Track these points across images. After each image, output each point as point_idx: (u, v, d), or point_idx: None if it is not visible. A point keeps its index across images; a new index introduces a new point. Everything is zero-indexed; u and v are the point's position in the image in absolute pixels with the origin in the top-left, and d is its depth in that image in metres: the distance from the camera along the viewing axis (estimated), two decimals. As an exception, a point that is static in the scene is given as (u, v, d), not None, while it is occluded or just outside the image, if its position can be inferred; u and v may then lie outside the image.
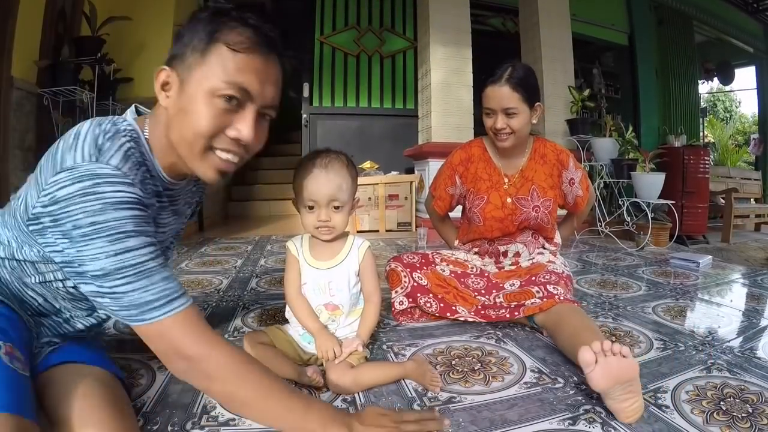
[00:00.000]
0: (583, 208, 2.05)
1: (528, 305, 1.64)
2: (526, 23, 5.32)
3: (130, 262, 0.86)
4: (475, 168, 1.99)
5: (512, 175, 1.95)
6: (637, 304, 2.14)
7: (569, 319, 1.50)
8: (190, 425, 1.08)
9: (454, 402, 1.21)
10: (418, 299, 1.81)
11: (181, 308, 0.90)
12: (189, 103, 0.93)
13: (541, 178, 1.93)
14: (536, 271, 1.82)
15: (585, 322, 1.47)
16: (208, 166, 0.99)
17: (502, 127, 1.78)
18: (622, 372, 1.07)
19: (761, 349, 1.58)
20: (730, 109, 16.54)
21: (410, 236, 4.50)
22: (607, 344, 1.10)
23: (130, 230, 0.87)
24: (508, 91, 1.74)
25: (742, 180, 6.37)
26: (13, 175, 2.88)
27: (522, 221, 1.91)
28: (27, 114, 3.02)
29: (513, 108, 1.75)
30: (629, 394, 1.08)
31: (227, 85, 0.91)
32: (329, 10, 6.14)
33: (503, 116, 1.77)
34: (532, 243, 2.00)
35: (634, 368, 1.09)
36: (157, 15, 4.12)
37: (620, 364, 1.07)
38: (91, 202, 0.83)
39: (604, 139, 4.62)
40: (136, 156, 0.95)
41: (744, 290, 2.51)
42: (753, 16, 8.01)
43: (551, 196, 1.92)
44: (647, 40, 7.09)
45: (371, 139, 6.13)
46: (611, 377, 1.07)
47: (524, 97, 1.76)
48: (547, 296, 1.63)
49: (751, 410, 1.15)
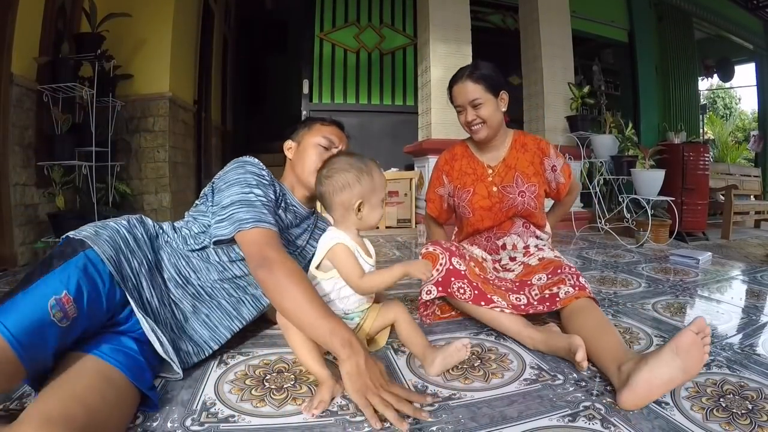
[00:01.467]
0: (567, 197, 2.12)
1: (562, 296, 1.61)
2: (526, 20, 5.31)
3: (247, 198, 1.36)
4: (460, 165, 2.08)
5: (495, 166, 2.01)
6: (636, 300, 2.14)
7: (592, 312, 1.52)
8: (190, 422, 1.08)
9: (453, 399, 1.21)
10: (451, 284, 1.69)
11: (266, 226, 1.31)
12: (304, 152, 1.62)
13: (524, 165, 1.99)
14: (556, 263, 1.81)
15: (606, 318, 1.51)
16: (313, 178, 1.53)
17: (473, 119, 1.90)
18: (695, 357, 1.11)
19: (761, 346, 1.58)
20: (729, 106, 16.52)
21: (410, 233, 4.51)
22: (708, 337, 1.13)
23: (254, 184, 1.40)
24: (471, 84, 1.87)
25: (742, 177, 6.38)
26: (13, 172, 2.88)
27: (510, 208, 1.96)
28: (27, 111, 3.02)
29: (478, 99, 1.87)
30: (666, 382, 1.12)
31: (323, 139, 1.62)
32: (329, 7, 6.13)
33: (471, 109, 1.89)
34: (524, 233, 2.02)
35: (699, 365, 1.13)
36: (157, 12, 4.11)
37: (700, 353, 1.12)
38: (237, 169, 1.44)
39: (604, 135, 4.62)
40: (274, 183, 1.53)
41: (743, 287, 2.52)
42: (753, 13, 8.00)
43: (535, 182, 1.97)
44: (647, 37, 7.08)
45: (371, 135, 6.12)
46: (688, 351, 1.11)
47: (486, 86, 1.86)
48: (579, 287, 1.63)
49: (750, 407, 1.15)
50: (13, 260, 2.81)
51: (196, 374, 1.34)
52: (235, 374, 1.35)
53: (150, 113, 4.10)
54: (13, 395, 1.19)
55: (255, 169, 1.45)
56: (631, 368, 1.16)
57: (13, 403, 1.15)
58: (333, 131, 1.66)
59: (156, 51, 4.11)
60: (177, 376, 1.28)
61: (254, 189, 1.39)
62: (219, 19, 6.36)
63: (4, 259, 2.77)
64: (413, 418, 1.08)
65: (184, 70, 4.62)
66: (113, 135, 3.69)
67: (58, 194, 3.14)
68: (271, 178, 1.51)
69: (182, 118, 4.57)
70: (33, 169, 3.08)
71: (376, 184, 1.44)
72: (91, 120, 3.29)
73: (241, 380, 1.31)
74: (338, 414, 1.12)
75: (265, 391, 1.24)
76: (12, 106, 2.85)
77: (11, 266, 2.79)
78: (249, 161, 1.48)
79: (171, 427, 1.06)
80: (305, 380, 1.30)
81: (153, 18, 4.08)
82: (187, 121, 4.74)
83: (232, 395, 1.22)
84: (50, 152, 3.12)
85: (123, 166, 3.94)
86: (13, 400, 1.16)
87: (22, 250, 2.92)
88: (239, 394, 1.23)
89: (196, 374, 1.34)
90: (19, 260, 2.87)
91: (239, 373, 1.36)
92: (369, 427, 1.06)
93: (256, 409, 1.15)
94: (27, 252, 2.97)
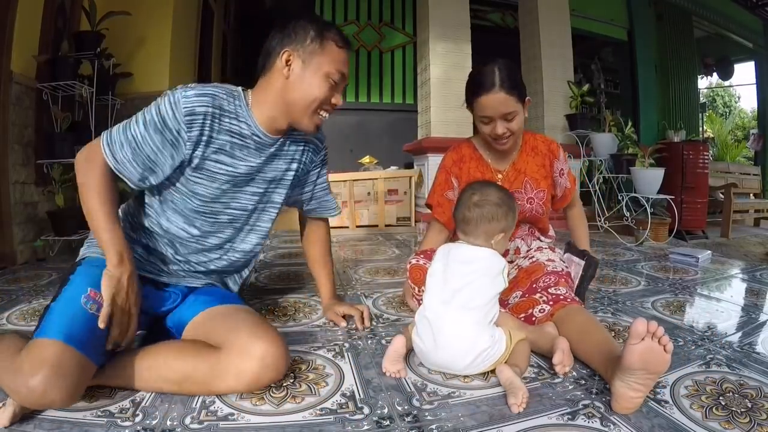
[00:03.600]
0: (574, 210, 2.10)
1: (538, 315, 1.59)
2: (526, 18, 5.32)
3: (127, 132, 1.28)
4: (468, 167, 1.97)
5: (505, 171, 1.94)
6: (636, 299, 2.14)
7: (575, 316, 1.50)
8: (189, 420, 1.08)
9: (453, 397, 1.21)
10: None
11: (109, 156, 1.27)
12: (311, 77, 1.35)
13: (534, 170, 1.92)
14: (536, 274, 1.76)
15: (591, 319, 1.49)
16: (312, 122, 1.41)
17: (503, 133, 1.74)
18: (656, 361, 1.07)
19: (760, 344, 1.59)
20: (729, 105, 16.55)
21: (409, 231, 4.50)
22: (660, 330, 1.08)
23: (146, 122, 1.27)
24: (504, 96, 1.67)
25: (742, 175, 6.38)
26: (13, 170, 2.87)
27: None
28: (26, 109, 3.01)
29: (512, 112, 1.70)
30: (642, 386, 1.09)
31: (337, 73, 1.38)
32: (328, 5, 6.13)
33: (502, 121, 1.72)
34: (528, 236, 2.00)
35: (665, 365, 1.09)
36: (157, 10, 4.10)
37: (660, 354, 1.07)
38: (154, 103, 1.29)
39: (604, 134, 4.62)
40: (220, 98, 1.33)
41: (743, 285, 2.52)
42: (752, 12, 8.00)
43: (544, 187, 1.92)
44: (647, 35, 7.07)
45: (370, 134, 6.12)
46: (645, 360, 1.07)
47: (518, 96, 1.70)
48: (553, 300, 1.61)
49: (750, 405, 1.15)
50: (12, 258, 2.80)
51: (196, 372, 1.34)
52: (235, 372, 1.34)
53: (149, 111, 4.07)
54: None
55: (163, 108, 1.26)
56: (611, 376, 1.16)
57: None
58: (347, 61, 1.42)
59: (155, 49, 4.10)
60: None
61: (141, 128, 1.27)
62: (218, 16, 6.35)
63: (3, 257, 2.76)
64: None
65: (184, 68, 4.60)
66: (113, 133, 3.67)
67: (57, 192, 3.13)
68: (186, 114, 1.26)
69: (182, 116, 4.56)
70: (32, 168, 3.07)
71: (514, 223, 1.53)
72: (91, 118, 3.28)
73: (241, 378, 1.31)
74: (337, 412, 1.12)
75: (264, 389, 1.23)
76: (11, 105, 2.84)
77: (10, 264, 2.78)
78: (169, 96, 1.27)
79: (170, 425, 1.06)
80: (305, 378, 1.30)
81: (152, 16, 4.07)
82: (186, 120, 4.72)
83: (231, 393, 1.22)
84: (50, 150, 3.11)
85: (122, 165, 3.92)
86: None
87: (21, 248, 2.92)
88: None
89: (195, 372, 1.34)
90: (19, 258, 2.87)
91: (239, 371, 1.35)
92: (368, 426, 1.06)
93: (255, 407, 1.14)
94: (26, 250, 2.97)
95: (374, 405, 1.16)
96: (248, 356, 1.15)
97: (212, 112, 1.31)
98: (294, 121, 1.41)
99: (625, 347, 1.10)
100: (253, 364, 1.15)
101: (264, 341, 1.18)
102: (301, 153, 1.60)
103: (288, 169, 1.57)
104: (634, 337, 1.07)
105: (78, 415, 1.09)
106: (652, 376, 1.09)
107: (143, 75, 3.99)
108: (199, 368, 1.16)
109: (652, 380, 1.10)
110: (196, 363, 1.17)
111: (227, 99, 1.35)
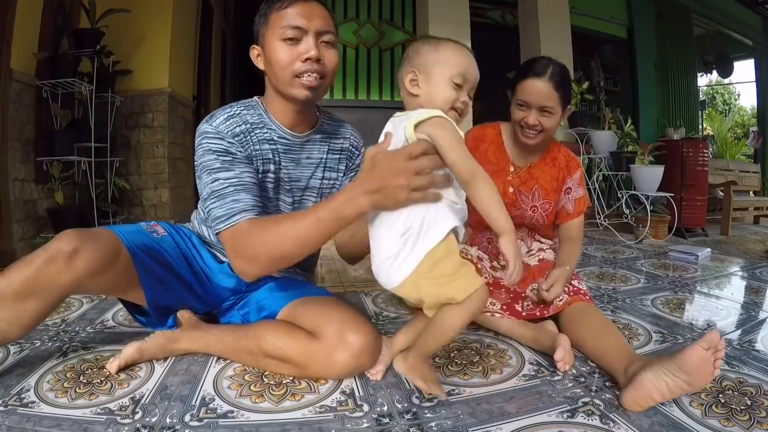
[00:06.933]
0: (571, 230, 1.91)
1: (557, 303, 1.58)
2: (525, 16, 5.30)
3: (214, 189, 1.27)
4: (486, 149, 1.89)
5: (520, 167, 1.86)
6: (635, 296, 2.14)
7: (594, 315, 1.50)
8: (189, 417, 1.08)
9: (453, 394, 1.21)
10: None
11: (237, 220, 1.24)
12: (269, 49, 1.30)
13: (546, 180, 1.86)
14: (552, 268, 1.72)
15: (608, 320, 1.49)
16: (298, 88, 1.30)
17: (534, 124, 1.68)
18: (703, 373, 1.06)
19: (760, 342, 1.59)
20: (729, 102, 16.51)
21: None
22: (722, 353, 1.07)
23: (217, 168, 1.28)
24: (549, 89, 1.64)
25: (741, 173, 6.37)
26: (13, 167, 2.87)
27: (515, 217, 1.84)
28: (26, 106, 3.00)
29: (551, 108, 1.66)
30: (668, 391, 1.08)
31: (285, 29, 1.26)
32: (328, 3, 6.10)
33: (537, 113, 1.67)
34: (528, 238, 1.98)
35: (705, 382, 1.10)
36: (156, 7, 4.09)
37: (709, 369, 1.06)
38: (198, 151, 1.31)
39: (603, 131, 4.61)
40: (243, 114, 1.38)
41: (743, 283, 2.52)
42: (752, 9, 7.97)
43: (552, 200, 1.86)
44: (646, 33, 7.05)
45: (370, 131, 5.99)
46: (697, 367, 1.05)
47: (561, 97, 1.67)
48: (573, 291, 1.61)
49: (749, 403, 1.16)
50: (11, 256, 2.80)
51: (195, 370, 1.35)
52: (234, 370, 1.35)
53: (149, 109, 4.07)
54: (12, 391, 1.19)
55: (213, 143, 1.29)
56: (637, 369, 1.14)
57: (12, 399, 1.15)
58: (298, 11, 1.28)
59: (155, 47, 4.09)
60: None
61: (219, 174, 1.27)
62: (218, 14, 6.33)
63: (2, 254, 2.76)
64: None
65: (184, 65, 4.60)
66: (112, 131, 3.67)
67: (57, 190, 3.14)
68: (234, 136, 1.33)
69: (181, 113, 4.55)
70: (32, 165, 3.07)
71: (440, 57, 1.14)
72: (90, 116, 3.28)
73: (240, 376, 1.31)
74: (337, 410, 1.12)
75: (263, 386, 1.24)
76: (11, 102, 2.84)
77: (10, 262, 2.78)
78: (207, 132, 1.31)
79: (170, 423, 1.06)
80: (304, 376, 1.30)
81: (152, 14, 4.05)
82: (186, 117, 4.72)
83: (231, 391, 1.22)
84: (49, 148, 3.11)
85: (122, 162, 3.92)
86: (11, 396, 1.16)
87: (21, 246, 2.91)
88: (238, 389, 1.23)
89: (194, 370, 1.35)
90: (18, 256, 2.86)
91: (238, 368, 1.36)
92: (368, 423, 1.06)
93: (255, 404, 1.15)
94: (26, 247, 2.96)
95: (374, 403, 1.16)
96: (346, 346, 1.24)
97: (246, 129, 1.36)
98: (286, 96, 1.34)
99: (690, 347, 1.07)
100: (349, 354, 1.24)
101: (359, 333, 1.26)
102: (337, 161, 1.58)
103: (324, 177, 1.55)
104: (705, 342, 1.05)
105: (77, 412, 1.09)
106: (686, 385, 1.07)
107: (143, 72, 3.98)
108: (301, 352, 1.26)
109: (681, 392, 1.09)
110: (300, 346, 1.26)
111: (248, 112, 1.40)
